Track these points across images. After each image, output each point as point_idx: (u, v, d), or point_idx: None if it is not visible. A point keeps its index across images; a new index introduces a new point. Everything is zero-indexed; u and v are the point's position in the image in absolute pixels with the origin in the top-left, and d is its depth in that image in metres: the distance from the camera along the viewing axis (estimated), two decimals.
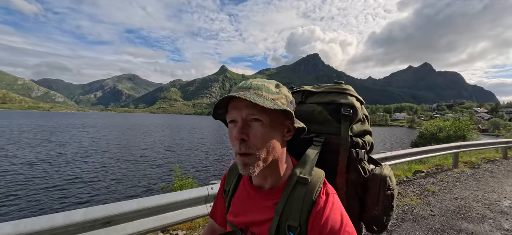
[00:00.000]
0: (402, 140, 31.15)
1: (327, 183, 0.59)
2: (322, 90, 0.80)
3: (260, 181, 0.63)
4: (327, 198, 0.54)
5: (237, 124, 0.55)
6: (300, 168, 0.60)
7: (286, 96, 0.58)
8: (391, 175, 0.73)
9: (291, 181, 0.58)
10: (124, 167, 12.04)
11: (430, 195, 4.11)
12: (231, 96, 0.53)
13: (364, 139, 0.75)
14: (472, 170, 6.16)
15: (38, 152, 15.18)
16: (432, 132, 12.28)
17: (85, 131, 32.72)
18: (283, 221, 0.54)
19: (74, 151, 16.28)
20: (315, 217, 0.52)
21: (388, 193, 0.70)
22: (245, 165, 0.54)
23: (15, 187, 8.25)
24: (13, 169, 10.63)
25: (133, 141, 23.71)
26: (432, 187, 4.52)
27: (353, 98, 0.74)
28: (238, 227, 0.64)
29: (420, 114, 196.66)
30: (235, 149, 0.55)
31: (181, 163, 13.23)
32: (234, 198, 0.70)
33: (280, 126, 0.57)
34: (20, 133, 26.23)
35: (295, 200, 0.55)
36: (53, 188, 8.38)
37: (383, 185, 0.70)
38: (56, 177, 9.74)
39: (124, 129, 39.85)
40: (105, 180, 9.72)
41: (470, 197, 4.09)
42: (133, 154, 15.89)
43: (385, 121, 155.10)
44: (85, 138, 24.62)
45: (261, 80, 0.58)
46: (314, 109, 0.77)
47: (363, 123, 0.77)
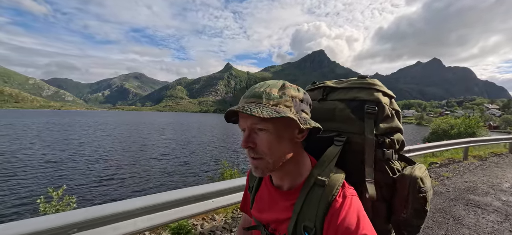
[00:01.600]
0: (413, 137, 31.61)
1: (346, 185, 0.58)
2: (345, 85, 0.76)
3: (278, 182, 0.65)
4: (344, 200, 0.54)
5: (244, 133, 0.57)
6: (318, 169, 0.60)
7: (292, 97, 0.57)
8: (424, 176, 0.69)
9: (308, 182, 0.58)
10: (152, 164, 12.81)
11: (445, 179, 5.18)
12: (235, 110, 0.55)
13: (393, 137, 0.71)
14: (480, 162, 7.16)
15: (70, 149, 16.37)
16: (444, 129, 13.18)
17: (101, 129, 33.88)
18: (300, 222, 0.55)
19: (106, 149, 17.34)
20: (331, 219, 0.52)
21: (420, 196, 0.66)
22: (256, 168, 0.57)
23: (61, 182, 8.62)
24: (50, 166, 11.23)
25: (153, 139, 24.86)
26: (446, 174, 5.59)
27: (379, 94, 0.70)
28: (262, 223, 0.67)
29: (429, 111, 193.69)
30: (247, 154, 0.58)
31: (203, 159, 14.34)
32: (257, 195, 0.73)
33: (287, 130, 0.56)
34: (42, 131, 27.70)
35: (311, 201, 0.56)
36: (98, 183, 8.98)
37: (413, 187, 0.66)
38: (96, 173, 10.33)
39: (139, 127, 41.11)
40: (144, 175, 10.44)
41: (477, 180, 5.14)
42: (161, 152, 17.01)
43: None
44: (105, 136, 25.72)
45: (264, 85, 0.57)
46: (335, 107, 0.74)
47: (391, 119, 0.71)
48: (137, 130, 34.76)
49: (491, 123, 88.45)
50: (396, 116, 0.73)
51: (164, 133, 31.90)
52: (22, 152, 14.37)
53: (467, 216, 3.36)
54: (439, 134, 12.98)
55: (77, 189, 8.20)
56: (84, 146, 18.35)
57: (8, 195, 7.36)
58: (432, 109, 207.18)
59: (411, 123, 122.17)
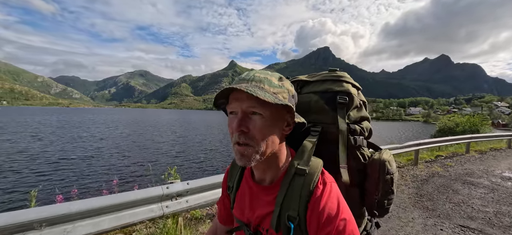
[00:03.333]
0: (418, 135, 32.18)
1: (325, 172, 0.60)
2: (317, 79, 0.80)
3: (260, 175, 0.65)
4: (324, 187, 0.55)
5: (237, 116, 0.55)
6: (298, 159, 0.60)
7: (288, 90, 0.58)
8: (391, 160, 0.73)
9: (289, 173, 0.59)
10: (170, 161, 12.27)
11: (448, 167, 6.39)
12: (233, 88, 0.52)
13: (362, 125, 0.75)
14: (480, 155, 8.33)
15: (92, 145, 16.45)
16: (450, 126, 14.25)
17: (114, 127, 33.73)
18: (283, 212, 0.56)
19: (124, 145, 17.14)
20: (313, 206, 0.53)
21: (388, 177, 0.70)
22: (242, 156, 0.55)
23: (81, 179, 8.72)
24: (68, 162, 11.19)
25: (167, 136, 25.08)
26: (450, 163, 6.80)
27: (348, 85, 0.74)
28: (245, 222, 0.67)
29: (436, 108, 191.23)
30: (233, 140, 0.56)
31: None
32: (238, 194, 0.72)
33: (280, 120, 0.57)
34: (59, 129, 28.16)
35: (293, 191, 0.56)
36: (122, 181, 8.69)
37: (382, 169, 0.70)
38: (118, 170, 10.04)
39: (148, 125, 40.89)
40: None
41: (475, 168, 6.34)
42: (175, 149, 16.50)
43: (399, 115, 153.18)
44: (119, 133, 25.46)
45: (264, 73, 0.57)
46: (310, 99, 0.76)
47: (360, 109, 0.76)
48: (149, 127, 35.28)
49: (499, 121, 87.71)
50: (364, 107, 0.78)
51: (175, 130, 32.50)
52: (53, 148, 14.93)
53: (463, 189, 4.60)
54: (445, 131, 14.03)
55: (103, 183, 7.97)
56: (105, 141, 18.82)
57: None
58: (440, 107, 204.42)
59: (417, 121, 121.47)
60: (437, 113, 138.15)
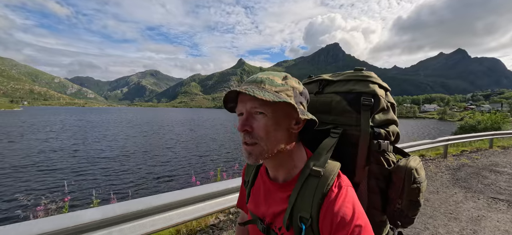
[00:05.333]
0: (434, 132, 31.95)
1: (341, 175, 0.59)
2: (341, 78, 0.76)
3: (273, 173, 0.66)
4: (339, 190, 0.54)
5: (242, 117, 0.57)
6: (314, 160, 0.60)
7: (293, 88, 0.58)
8: (419, 167, 0.68)
9: (304, 173, 0.58)
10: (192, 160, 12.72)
11: (474, 159, 7.36)
12: (237, 91, 0.55)
13: (388, 129, 0.70)
14: (503, 150, 9.17)
15: (118, 145, 17.29)
16: (471, 124, 14.92)
17: (132, 126, 35.35)
18: (295, 212, 0.56)
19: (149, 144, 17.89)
20: (326, 209, 0.53)
21: (414, 187, 0.66)
22: (249, 154, 0.57)
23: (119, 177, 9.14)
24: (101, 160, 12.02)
25: (186, 134, 25.98)
26: (476, 156, 7.76)
27: (375, 86, 0.70)
28: (259, 217, 0.68)
29: (452, 105, 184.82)
30: (241, 139, 0.58)
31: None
32: (253, 188, 0.74)
33: (285, 118, 0.57)
34: (81, 128, 30.01)
35: (307, 192, 0.56)
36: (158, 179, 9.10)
37: (408, 178, 0.65)
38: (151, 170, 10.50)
39: (164, 124, 41.81)
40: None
41: (499, 160, 7.28)
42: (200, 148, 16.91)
43: (413, 112, 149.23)
44: (141, 133, 26.32)
45: (267, 73, 0.58)
46: (332, 100, 0.74)
47: (387, 111, 0.71)
48: (165, 126, 36.42)
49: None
50: (392, 109, 0.73)
51: (193, 129, 33.35)
52: (83, 147, 16.11)
53: (490, 175, 5.63)
54: (466, 129, 14.72)
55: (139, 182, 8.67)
56: (129, 140, 19.94)
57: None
58: (456, 104, 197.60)
59: (433, 118, 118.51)
60: (453, 110, 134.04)
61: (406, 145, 6.18)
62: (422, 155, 7.61)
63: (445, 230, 3.00)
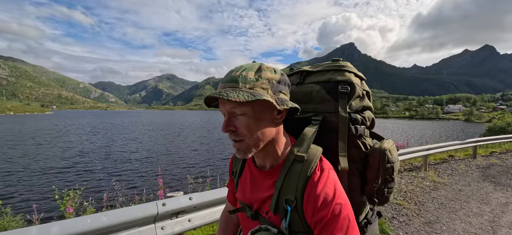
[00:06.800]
0: (457, 134, 30.69)
1: (323, 159, 0.62)
2: (320, 69, 0.80)
3: (260, 162, 0.68)
4: (321, 173, 0.58)
5: (225, 117, 0.59)
6: (298, 146, 0.63)
7: (269, 79, 0.58)
8: (392, 149, 0.73)
9: (288, 159, 0.62)
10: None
11: (504, 159, 7.82)
12: (212, 96, 0.56)
13: (364, 114, 0.76)
14: None
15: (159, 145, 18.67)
16: (501, 126, 14.83)
17: (157, 129, 36.07)
18: (282, 196, 0.59)
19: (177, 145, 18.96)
20: (310, 191, 0.56)
21: (388, 166, 0.71)
22: (238, 151, 0.60)
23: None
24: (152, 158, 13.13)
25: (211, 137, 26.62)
26: (505, 157, 8.18)
27: (351, 75, 0.75)
28: (246, 204, 0.71)
29: (479, 105, 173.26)
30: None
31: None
32: (241, 178, 0.77)
33: (266, 111, 0.58)
34: (112, 130, 32.26)
35: (292, 176, 0.59)
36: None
37: (383, 158, 0.71)
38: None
39: (185, 126, 43.27)
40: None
41: None
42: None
43: (435, 113, 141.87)
44: (173, 135, 27.38)
45: (241, 69, 0.58)
46: (312, 90, 0.78)
47: (362, 99, 0.76)
48: (185, 128, 37.79)
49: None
50: (367, 97, 0.78)
51: (210, 130, 34.21)
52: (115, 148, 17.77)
53: None
54: (495, 131, 14.66)
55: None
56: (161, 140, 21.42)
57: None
58: (484, 104, 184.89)
59: (458, 119, 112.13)
60: (480, 111, 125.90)
61: (435, 145, 6.72)
62: (451, 155, 8.16)
63: (478, 210, 3.80)
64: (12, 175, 9.61)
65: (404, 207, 3.85)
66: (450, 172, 6.13)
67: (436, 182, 5.23)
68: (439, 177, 5.63)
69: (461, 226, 3.26)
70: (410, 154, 5.71)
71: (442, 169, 6.44)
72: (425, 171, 6.07)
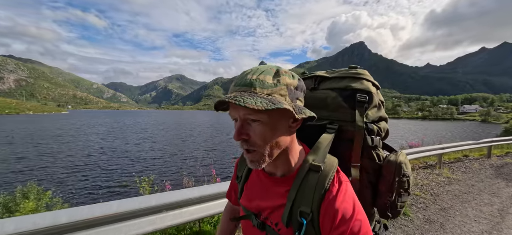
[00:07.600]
0: (471, 136, 30.13)
1: (340, 171, 0.59)
2: (336, 75, 0.78)
3: (271, 169, 0.64)
4: (340, 186, 0.55)
5: (237, 123, 0.55)
6: (313, 155, 0.60)
7: (287, 85, 0.54)
8: (406, 162, 0.72)
9: (303, 168, 0.58)
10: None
11: None
12: (226, 101, 0.51)
13: (379, 125, 0.74)
14: None
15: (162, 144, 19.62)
16: None
17: (169, 128, 36.63)
18: (295, 207, 0.55)
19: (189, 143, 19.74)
20: (328, 205, 0.53)
21: (404, 180, 0.70)
22: (251, 162, 0.56)
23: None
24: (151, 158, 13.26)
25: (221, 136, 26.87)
26: None
27: (369, 83, 0.73)
28: (252, 212, 0.66)
29: (497, 105, 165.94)
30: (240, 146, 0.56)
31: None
32: (247, 183, 0.72)
33: (282, 119, 0.55)
34: (126, 129, 33.30)
35: (307, 187, 0.56)
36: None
37: (398, 171, 0.69)
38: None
39: (195, 126, 43.79)
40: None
41: None
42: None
43: (450, 114, 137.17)
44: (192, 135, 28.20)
45: (257, 72, 0.54)
46: (327, 96, 0.75)
47: (379, 109, 0.75)
48: (195, 128, 38.39)
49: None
50: (382, 106, 0.77)
51: (219, 130, 34.93)
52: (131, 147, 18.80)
53: None
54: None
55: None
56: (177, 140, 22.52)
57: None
58: (502, 104, 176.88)
59: (474, 120, 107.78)
60: (498, 111, 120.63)
61: (449, 145, 7.00)
62: (465, 155, 8.43)
63: (489, 201, 4.24)
64: (77, 171, 10.32)
65: (420, 197, 4.34)
66: (464, 170, 6.50)
67: (450, 178, 5.65)
68: (453, 174, 6.02)
69: (473, 212, 3.74)
70: (424, 152, 6.11)
71: (456, 167, 6.80)
72: (439, 169, 6.46)
